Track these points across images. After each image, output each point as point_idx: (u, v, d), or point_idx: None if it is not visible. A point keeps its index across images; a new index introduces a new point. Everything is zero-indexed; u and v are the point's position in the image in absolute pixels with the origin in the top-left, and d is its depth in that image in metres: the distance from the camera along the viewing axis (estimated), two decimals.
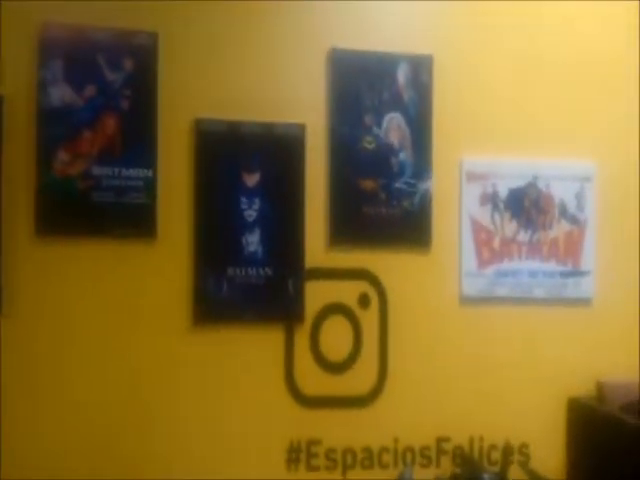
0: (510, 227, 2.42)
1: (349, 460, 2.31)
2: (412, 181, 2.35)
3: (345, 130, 2.30)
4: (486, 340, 2.39)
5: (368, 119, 2.32)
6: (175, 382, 2.21)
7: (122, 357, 2.18)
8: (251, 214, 2.26)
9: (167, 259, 2.22)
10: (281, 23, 2.29)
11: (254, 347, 2.26)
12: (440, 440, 2.36)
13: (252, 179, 2.26)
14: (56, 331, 2.15)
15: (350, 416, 2.31)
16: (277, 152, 2.27)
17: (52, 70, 2.17)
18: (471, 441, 2.38)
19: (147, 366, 2.19)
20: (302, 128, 2.28)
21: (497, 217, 2.42)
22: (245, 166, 2.26)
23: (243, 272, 2.24)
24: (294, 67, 2.30)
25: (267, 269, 2.26)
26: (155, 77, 2.22)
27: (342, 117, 2.31)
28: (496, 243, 2.42)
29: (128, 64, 2.21)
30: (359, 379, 2.32)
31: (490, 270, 2.40)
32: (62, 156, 2.17)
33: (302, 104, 2.29)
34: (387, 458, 2.33)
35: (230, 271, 2.24)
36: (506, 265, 2.41)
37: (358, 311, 2.33)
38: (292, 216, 2.28)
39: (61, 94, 2.17)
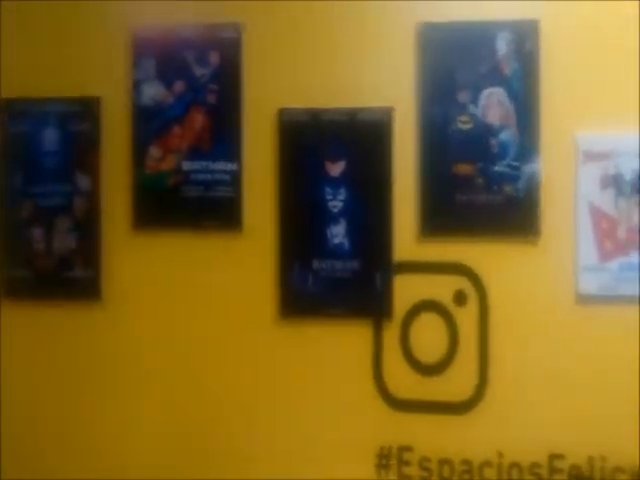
0: (638, 214, 2.06)
1: (446, 472, 2.12)
2: (516, 163, 2.09)
3: (437, 111, 2.11)
4: (608, 344, 2.06)
5: (462, 96, 2.11)
6: (259, 376, 2.18)
7: (207, 349, 2.19)
8: (336, 205, 2.16)
9: (253, 252, 2.19)
10: (364, 1, 2.15)
11: (340, 343, 2.16)
12: (553, 457, 2.08)
13: (336, 168, 2.16)
14: (148, 320, 2.23)
15: (446, 423, 2.11)
16: (362, 139, 2.15)
17: (145, 69, 2.24)
18: (591, 461, 2.06)
19: (231, 359, 2.19)
20: (389, 112, 2.13)
21: (622, 202, 2.07)
22: (329, 155, 2.16)
23: (329, 265, 2.15)
24: (380, 47, 2.15)
25: (353, 262, 2.14)
26: (240, 69, 2.20)
27: (433, 97, 2.12)
28: (621, 233, 2.07)
29: (214, 58, 2.22)
30: (456, 383, 2.12)
31: (613, 264, 2.07)
32: (154, 152, 2.24)
33: (389, 86, 2.15)
34: (490, 473, 2.10)
35: (315, 264, 2.15)
36: (633, 258, 2.06)
37: (454, 309, 2.13)
38: (380, 206, 2.14)
39: (153, 92, 2.24)
